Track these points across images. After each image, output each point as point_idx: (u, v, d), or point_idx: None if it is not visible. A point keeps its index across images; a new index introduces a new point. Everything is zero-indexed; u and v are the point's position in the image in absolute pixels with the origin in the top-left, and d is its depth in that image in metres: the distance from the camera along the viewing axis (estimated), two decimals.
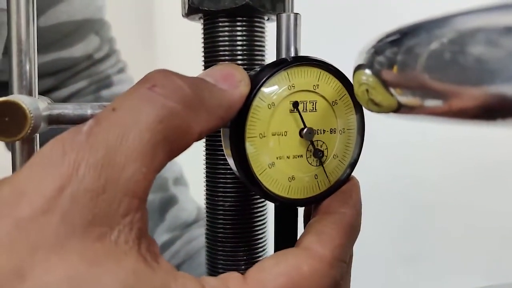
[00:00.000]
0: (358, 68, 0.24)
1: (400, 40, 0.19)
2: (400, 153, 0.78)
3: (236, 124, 0.26)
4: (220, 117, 0.24)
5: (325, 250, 0.24)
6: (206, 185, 0.34)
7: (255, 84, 0.26)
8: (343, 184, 0.28)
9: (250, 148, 0.26)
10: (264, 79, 0.26)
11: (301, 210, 0.30)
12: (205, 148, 0.34)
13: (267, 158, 0.27)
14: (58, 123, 0.27)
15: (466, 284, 0.79)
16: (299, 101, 0.27)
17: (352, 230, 0.26)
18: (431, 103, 0.18)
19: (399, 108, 0.20)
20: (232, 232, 0.33)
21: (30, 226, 0.19)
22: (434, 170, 0.79)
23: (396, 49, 0.19)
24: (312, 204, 0.29)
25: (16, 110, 0.23)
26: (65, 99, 0.55)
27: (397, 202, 0.83)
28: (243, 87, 0.25)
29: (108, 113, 0.21)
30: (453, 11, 0.17)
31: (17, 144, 0.27)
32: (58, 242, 0.19)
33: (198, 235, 0.56)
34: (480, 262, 0.79)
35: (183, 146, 0.23)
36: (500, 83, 0.15)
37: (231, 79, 0.25)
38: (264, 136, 0.26)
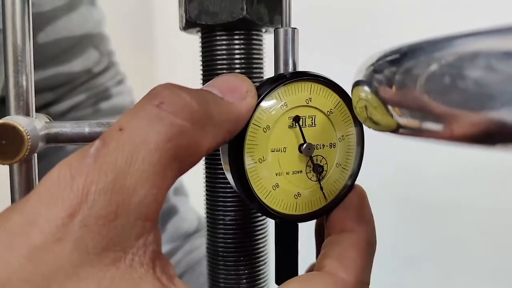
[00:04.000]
0: (357, 84, 0.23)
1: (399, 60, 0.19)
2: (402, 152, 0.77)
3: (234, 153, 0.26)
4: (228, 131, 0.24)
5: (349, 276, 0.24)
6: (206, 199, 0.34)
7: None
8: (348, 193, 0.28)
9: (251, 175, 0.26)
10: (256, 104, 0.26)
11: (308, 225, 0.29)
12: (204, 163, 0.34)
13: (270, 180, 0.27)
14: (56, 141, 0.27)
15: (470, 286, 0.78)
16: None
17: (371, 249, 0.26)
18: (429, 125, 0.18)
19: (398, 129, 0.20)
20: (232, 246, 0.33)
21: (43, 255, 0.18)
22: (438, 169, 0.79)
23: (395, 69, 0.19)
24: (318, 217, 0.29)
25: (13, 132, 0.23)
26: (64, 113, 0.55)
27: (399, 202, 0.83)
28: (250, 99, 0.25)
29: (115, 133, 0.21)
30: (453, 33, 0.17)
31: (15, 164, 0.26)
32: (72, 271, 0.18)
33: (199, 245, 0.56)
34: (484, 263, 0.78)
35: (192, 163, 0.22)
36: (499, 109, 0.15)
37: (238, 91, 0.25)
38: (264, 160, 0.26)
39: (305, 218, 0.28)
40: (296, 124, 0.27)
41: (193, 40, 0.35)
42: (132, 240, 0.20)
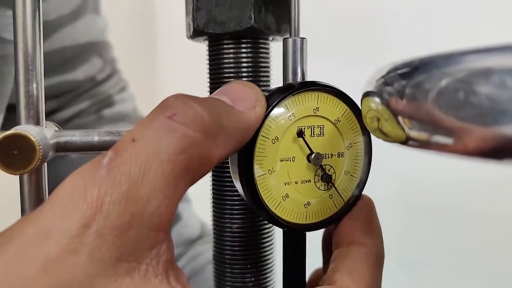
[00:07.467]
0: (367, 94, 0.24)
1: (410, 74, 0.19)
2: (403, 156, 0.78)
3: (244, 165, 0.26)
4: (238, 140, 0.24)
5: None
6: (213, 207, 0.34)
7: None
8: (356, 201, 0.28)
9: (261, 186, 0.26)
10: (265, 114, 0.26)
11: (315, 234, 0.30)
12: (211, 170, 0.34)
13: (280, 190, 0.27)
14: (66, 150, 0.27)
15: None
16: (306, 127, 0.27)
17: (380, 261, 0.26)
18: (438, 139, 0.18)
19: (407, 141, 0.20)
20: (239, 253, 0.33)
21: (59, 267, 0.18)
22: (438, 173, 0.79)
23: (406, 82, 0.19)
24: (327, 226, 0.29)
25: (24, 142, 0.23)
26: (68, 120, 0.55)
27: (399, 206, 0.83)
28: (260, 108, 0.25)
29: (128, 144, 0.21)
30: (464, 49, 0.17)
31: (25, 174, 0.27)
32: (88, 281, 0.19)
33: (203, 251, 0.56)
34: (483, 268, 0.78)
35: (203, 173, 0.23)
36: (507, 124, 0.15)
37: (248, 100, 0.25)
38: (273, 171, 0.26)
39: (315, 227, 0.28)
40: (301, 137, 0.27)
41: (195, 47, 0.36)
42: (146, 251, 0.20)
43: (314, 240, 0.31)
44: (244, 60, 0.32)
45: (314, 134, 0.27)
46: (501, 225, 0.77)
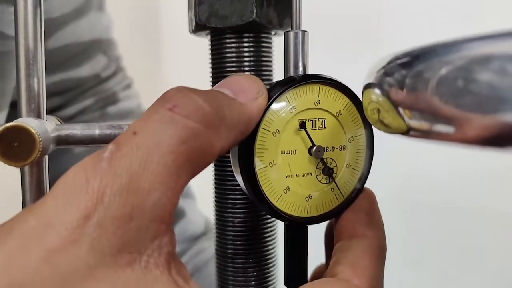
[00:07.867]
0: (368, 86, 0.23)
1: (411, 63, 0.19)
2: (406, 153, 0.77)
3: (244, 157, 0.26)
4: (240, 132, 0.24)
5: (362, 283, 0.24)
6: (215, 201, 0.34)
7: None
8: (358, 194, 0.28)
9: (262, 179, 0.26)
10: (264, 109, 0.26)
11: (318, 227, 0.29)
12: (213, 165, 0.34)
13: (281, 183, 0.27)
14: (67, 143, 0.27)
15: None
16: (307, 120, 0.27)
17: (382, 253, 0.26)
18: (439, 128, 0.18)
19: (408, 131, 0.20)
20: (241, 248, 0.33)
21: (60, 258, 0.18)
22: (441, 170, 0.78)
23: (405, 72, 0.19)
24: (329, 219, 0.29)
25: (25, 135, 0.23)
26: (72, 117, 0.55)
27: (402, 203, 0.83)
28: (261, 100, 0.25)
29: (129, 137, 0.21)
30: (465, 36, 0.17)
31: (26, 166, 0.27)
32: (88, 272, 0.19)
33: (206, 247, 0.56)
34: (487, 266, 0.78)
35: (205, 165, 0.23)
36: (508, 112, 0.15)
37: (249, 92, 0.25)
38: (274, 164, 0.26)
39: (316, 220, 0.28)
40: (303, 129, 0.27)
41: (200, 44, 0.35)
42: (147, 242, 0.20)
43: (316, 233, 0.31)
44: (246, 54, 0.32)
45: (315, 127, 0.27)
46: (503, 223, 0.76)
